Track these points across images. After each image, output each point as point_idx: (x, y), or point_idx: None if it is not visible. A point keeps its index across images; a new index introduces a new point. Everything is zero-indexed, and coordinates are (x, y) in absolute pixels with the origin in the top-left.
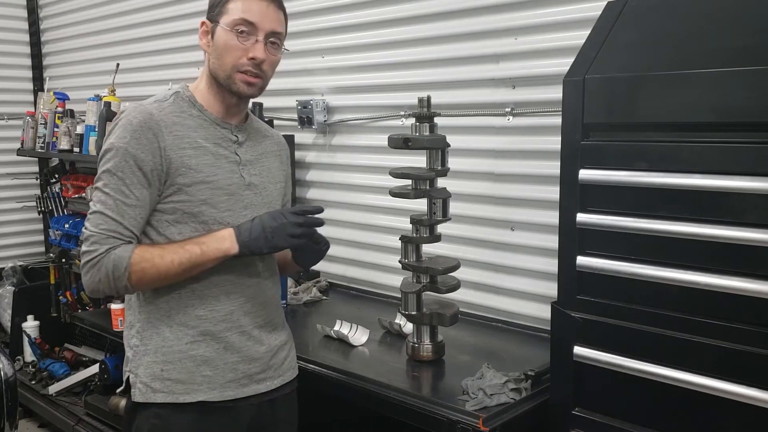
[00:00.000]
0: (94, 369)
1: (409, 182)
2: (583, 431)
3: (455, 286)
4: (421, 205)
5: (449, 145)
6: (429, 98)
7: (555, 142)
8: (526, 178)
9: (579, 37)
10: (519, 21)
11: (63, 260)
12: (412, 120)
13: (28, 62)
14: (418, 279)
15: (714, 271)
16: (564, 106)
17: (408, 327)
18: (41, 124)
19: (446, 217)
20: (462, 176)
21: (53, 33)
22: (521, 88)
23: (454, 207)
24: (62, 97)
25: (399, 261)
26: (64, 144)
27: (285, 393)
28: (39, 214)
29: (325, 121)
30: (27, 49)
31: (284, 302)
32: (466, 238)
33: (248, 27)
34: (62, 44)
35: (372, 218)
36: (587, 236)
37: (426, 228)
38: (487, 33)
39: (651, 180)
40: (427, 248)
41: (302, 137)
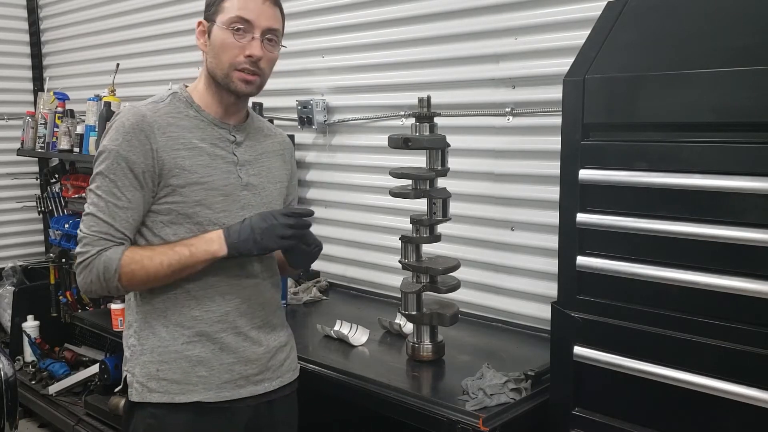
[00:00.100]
0: (94, 369)
1: (409, 182)
2: (583, 431)
3: (455, 286)
4: (421, 205)
5: (449, 145)
6: (429, 98)
7: (555, 142)
8: (526, 178)
9: (579, 37)
10: (519, 21)
11: (63, 260)
12: (412, 120)
13: (28, 62)
14: (418, 279)
15: (714, 271)
16: (564, 106)
17: (408, 327)
18: (41, 124)
19: (446, 217)
20: (462, 176)
21: (53, 33)
22: (521, 88)
23: (454, 207)
24: (62, 97)
25: (399, 261)
26: (64, 144)
27: (284, 395)
28: (39, 214)
29: (325, 121)
30: (27, 49)
31: (284, 302)
32: (466, 238)
33: (244, 24)
34: (62, 44)
35: (372, 218)
36: (587, 236)
37: (426, 228)
38: (487, 33)
39: (651, 180)
40: (427, 248)
41: (302, 137)
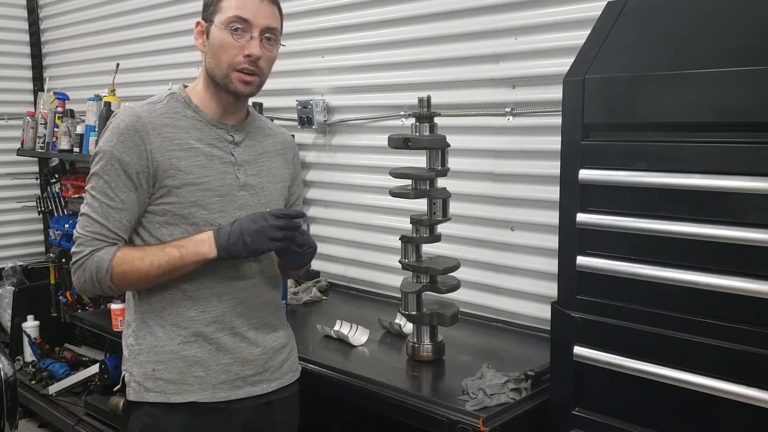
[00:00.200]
0: (94, 369)
1: (409, 182)
2: (583, 431)
3: (455, 286)
4: (421, 205)
5: (449, 145)
6: (429, 98)
7: (555, 142)
8: (526, 178)
9: (579, 37)
10: (519, 21)
11: (63, 260)
12: (412, 120)
13: (28, 62)
14: (418, 279)
15: (714, 271)
16: (564, 106)
17: (408, 327)
18: (41, 124)
19: (446, 217)
20: (462, 176)
21: (53, 33)
22: (521, 88)
23: (454, 207)
24: (62, 97)
25: (399, 261)
26: (64, 144)
27: (283, 396)
28: (39, 214)
29: (325, 121)
30: (27, 49)
31: (284, 302)
32: (466, 238)
33: (243, 24)
34: (62, 44)
35: (372, 218)
36: (587, 236)
37: (426, 228)
38: (487, 33)
39: (651, 180)
40: (427, 248)
41: (302, 137)
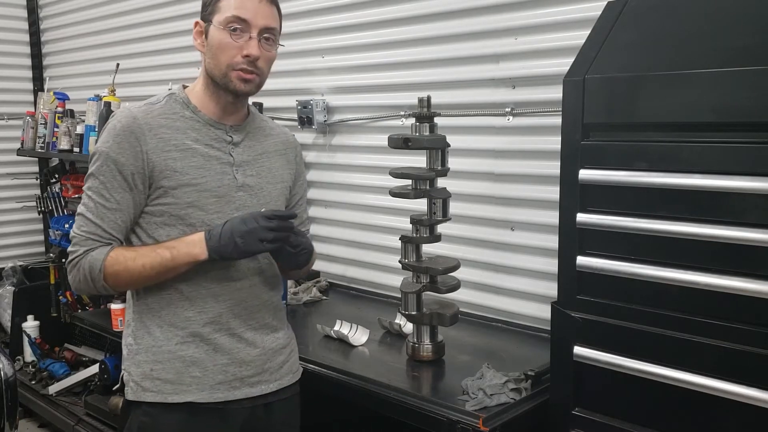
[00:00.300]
0: (94, 369)
1: (409, 182)
2: (583, 431)
3: (455, 286)
4: (421, 205)
5: (449, 145)
6: (429, 98)
7: (555, 142)
8: (526, 178)
9: (579, 37)
10: (519, 21)
11: (63, 260)
12: (412, 120)
13: (28, 62)
14: (418, 279)
15: (714, 271)
16: (564, 106)
17: (408, 327)
18: (41, 124)
19: (446, 217)
20: (462, 176)
21: (53, 33)
22: (521, 88)
23: (454, 207)
24: (62, 97)
25: (399, 261)
26: (64, 144)
27: (283, 397)
28: (39, 214)
29: (325, 121)
30: (27, 49)
31: (284, 302)
32: (466, 238)
33: (241, 24)
34: (62, 44)
35: (372, 218)
36: (587, 236)
37: (426, 228)
38: (487, 33)
39: (651, 180)
40: (427, 248)
41: (302, 137)
